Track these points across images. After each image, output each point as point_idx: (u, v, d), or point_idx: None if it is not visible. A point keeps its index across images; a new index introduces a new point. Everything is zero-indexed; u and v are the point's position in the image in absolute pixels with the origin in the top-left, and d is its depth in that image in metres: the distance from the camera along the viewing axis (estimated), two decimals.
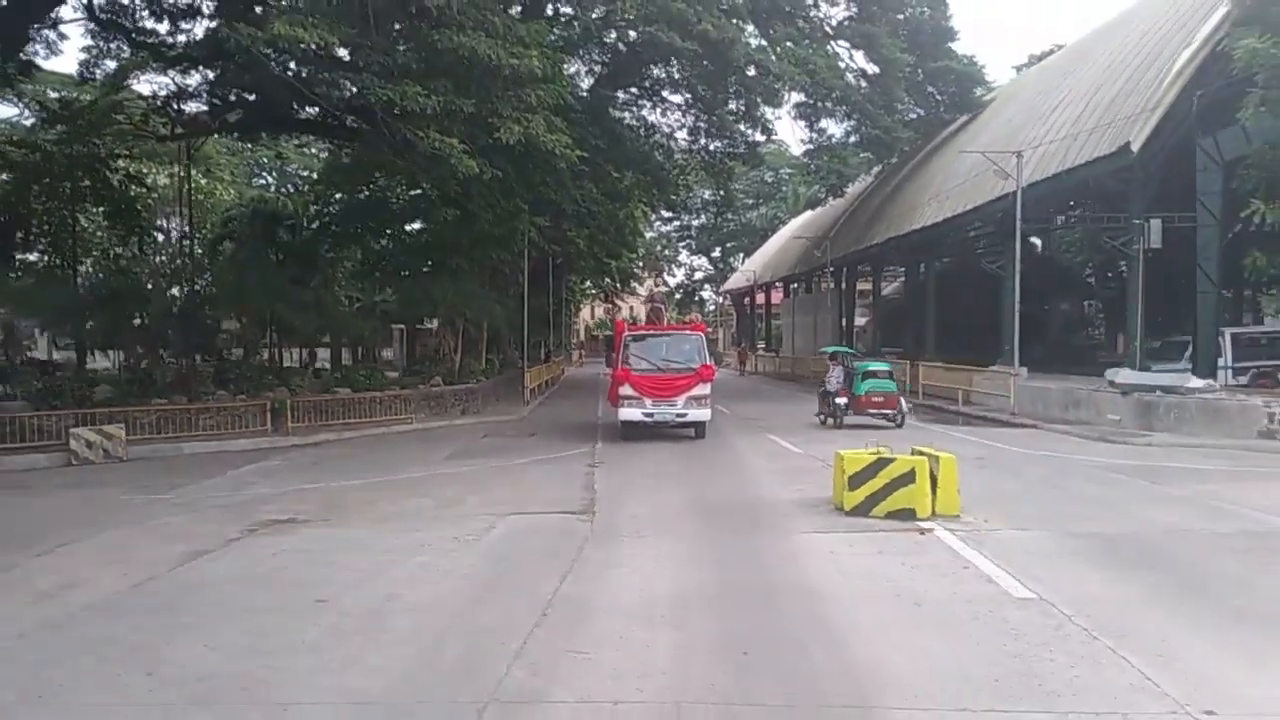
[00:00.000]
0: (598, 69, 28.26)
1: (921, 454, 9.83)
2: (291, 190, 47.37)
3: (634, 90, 30.39)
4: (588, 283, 66.81)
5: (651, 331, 19.10)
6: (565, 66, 19.06)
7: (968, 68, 31.45)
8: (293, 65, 13.43)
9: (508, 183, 17.17)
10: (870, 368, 19.70)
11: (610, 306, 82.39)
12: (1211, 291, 22.35)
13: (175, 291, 24.18)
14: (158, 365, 19.99)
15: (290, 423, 18.80)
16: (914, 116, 32.14)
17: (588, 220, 28.68)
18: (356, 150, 25.36)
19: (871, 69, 29.26)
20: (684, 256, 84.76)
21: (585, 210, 26.45)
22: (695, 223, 71.01)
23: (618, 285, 65.97)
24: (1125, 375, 18.40)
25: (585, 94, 25.84)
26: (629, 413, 17.11)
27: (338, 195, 27.68)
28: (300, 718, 4.86)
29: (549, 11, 22.50)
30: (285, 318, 21.79)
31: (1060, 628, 6.02)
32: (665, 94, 30.08)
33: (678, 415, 17.07)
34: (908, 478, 9.55)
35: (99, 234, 30.56)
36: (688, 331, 18.92)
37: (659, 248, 78.10)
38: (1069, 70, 26.36)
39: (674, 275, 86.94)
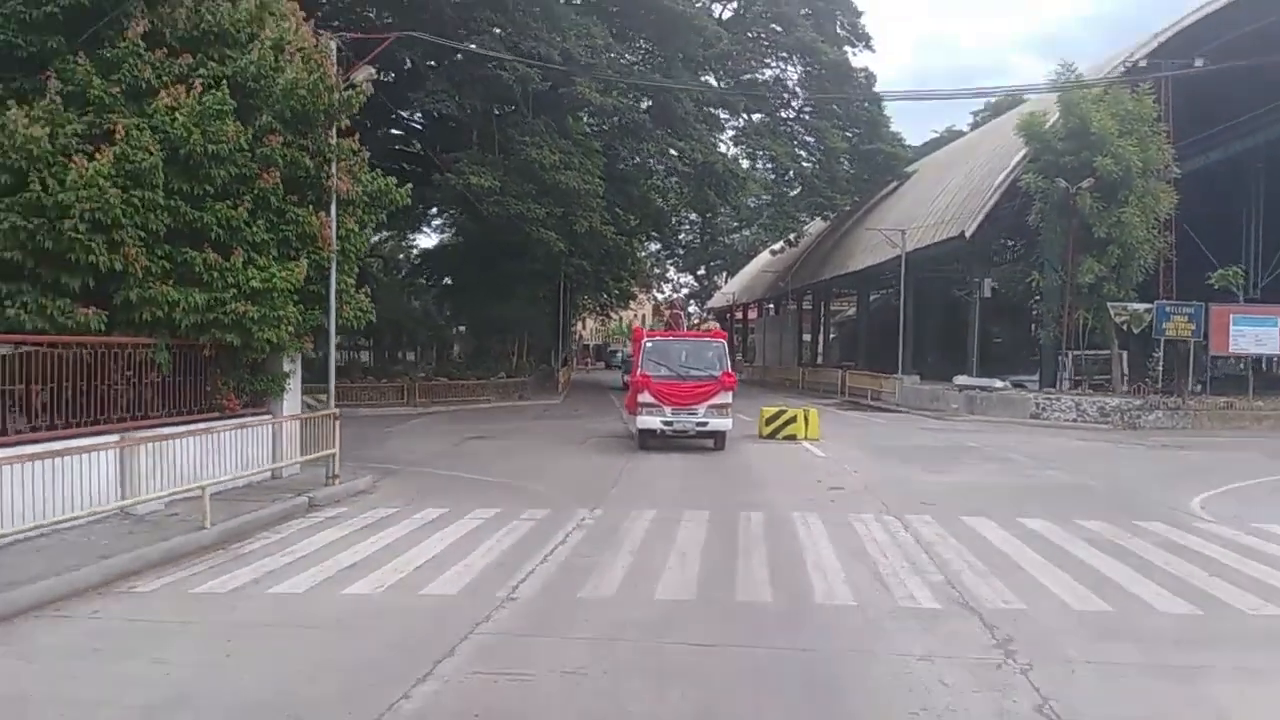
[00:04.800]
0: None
1: (801, 409, 19.70)
2: None
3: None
4: (587, 297, 76.88)
5: (671, 337, 19.25)
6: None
7: (894, 148, 41.52)
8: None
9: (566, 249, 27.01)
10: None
11: (605, 319, 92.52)
12: (1051, 325, 32.45)
13: None
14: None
15: (416, 398, 28.40)
16: (853, 180, 42.04)
17: (604, 259, 38.51)
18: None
19: (819, 148, 39.29)
20: (671, 273, 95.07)
21: (604, 251, 36.35)
22: (681, 247, 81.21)
23: (612, 300, 76.09)
24: (962, 379, 28.29)
25: (600, 151, 35.47)
26: (647, 421, 16.99)
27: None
28: (553, 473, 14.49)
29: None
30: (411, 327, 31.59)
31: (830, 463, 15.78)
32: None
33: (698, 424, 16.87)
34: (794, 419, 19.40)
35: None
36: (709, 338, 19.20)
37: (649, 265, 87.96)
38: (953, 163, 36.53)
39: (662, 291, 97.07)
